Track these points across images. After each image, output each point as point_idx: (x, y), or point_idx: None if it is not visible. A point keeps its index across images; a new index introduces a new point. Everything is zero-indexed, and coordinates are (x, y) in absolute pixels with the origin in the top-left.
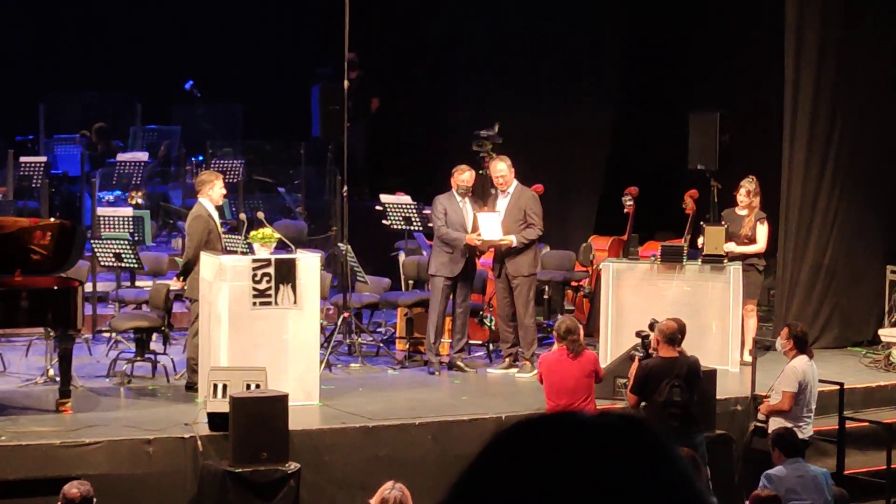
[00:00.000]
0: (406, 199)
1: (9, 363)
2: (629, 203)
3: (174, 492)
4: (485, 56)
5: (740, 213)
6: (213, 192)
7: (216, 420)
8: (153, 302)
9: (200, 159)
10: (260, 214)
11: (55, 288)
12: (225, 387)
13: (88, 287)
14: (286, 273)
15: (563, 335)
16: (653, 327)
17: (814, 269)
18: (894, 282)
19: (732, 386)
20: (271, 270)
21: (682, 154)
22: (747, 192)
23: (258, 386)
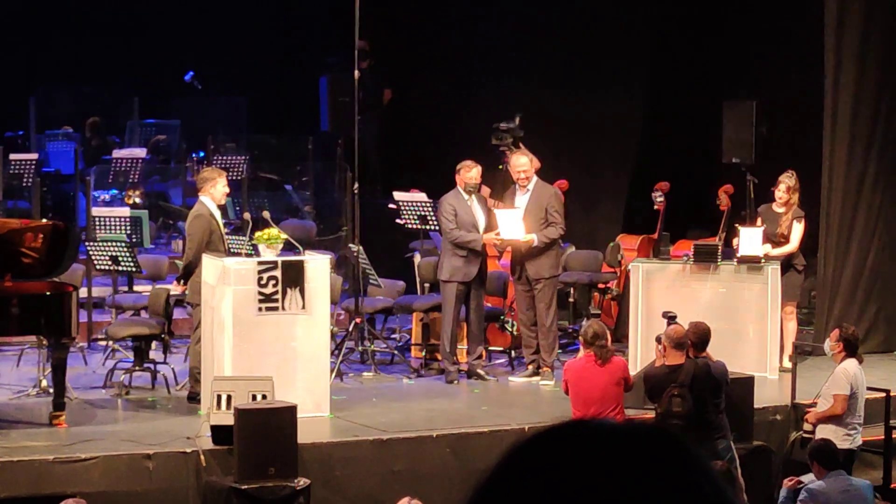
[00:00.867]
0: (421, 197)
1: None
2: (660, 199)
3: None
4: (505, 42)
5: (777, 210)
6: (216, 191)
7: (220, 433)
8: (152, 308)
9: (202, 155)
10: (265, 214)
11: (48, 293)
12: (229, 398)
13: (83, 292)
14: (294, 276)
15: (591, 341)
16: (672, 320)
17: (857, 270)
18: None
19: (771, 394)
20: (278, 273)
21: (717, 146)
22: (787, 189)
23: (265, 397)
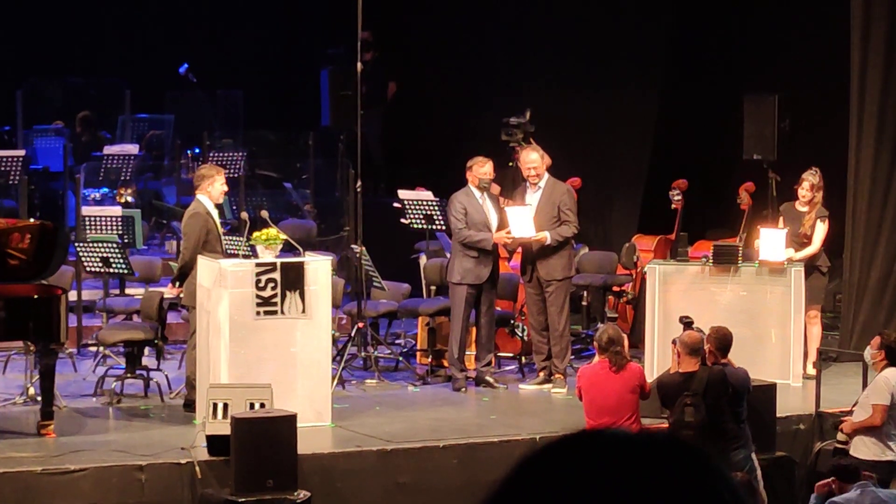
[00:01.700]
0: (427, 195)
1: None
2: (677, 198)
3: None
4: (515, 35)
5: (800, 209)
6: (214, 189)
7: (216, 444)
8: (145, 311)
9: (197, 152)
10: (264, 213)
11: (35, 297)
12: (226, 406)
13: (73, 295)
14: (293, 279)
15: (605, 346)
16: (688, 325)
17: (885, 272)
18: None
19: (794, 402)
20: (277, 276)
21: (737, 142)
22: (811, 186)
23: (263, 405)
